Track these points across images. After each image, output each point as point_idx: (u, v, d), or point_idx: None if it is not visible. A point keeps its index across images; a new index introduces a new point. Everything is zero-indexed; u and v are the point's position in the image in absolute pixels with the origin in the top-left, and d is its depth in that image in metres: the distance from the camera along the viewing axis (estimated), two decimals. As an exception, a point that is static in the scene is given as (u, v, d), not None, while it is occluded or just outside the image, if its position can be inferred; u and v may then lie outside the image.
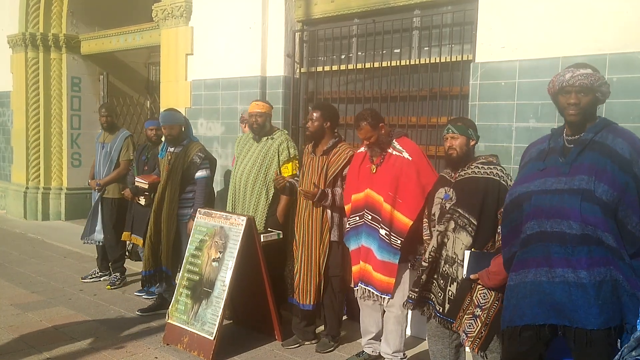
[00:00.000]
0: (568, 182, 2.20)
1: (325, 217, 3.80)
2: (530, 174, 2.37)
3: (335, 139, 3.89)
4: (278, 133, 4.33)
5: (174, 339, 3.94)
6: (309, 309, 3.87)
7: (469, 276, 2.75)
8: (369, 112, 3.47)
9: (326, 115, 3.85)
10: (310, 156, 3.93)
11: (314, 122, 3.85)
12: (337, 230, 3.79)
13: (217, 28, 5.83)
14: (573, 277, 2.14)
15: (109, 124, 5.52)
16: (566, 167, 2.23)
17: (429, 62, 4.51)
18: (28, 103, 8.59)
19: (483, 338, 2.77)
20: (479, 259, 2.73)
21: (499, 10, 3.96)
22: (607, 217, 2.10)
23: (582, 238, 2.14)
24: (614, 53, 3.47)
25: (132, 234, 5.16)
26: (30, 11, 8.44)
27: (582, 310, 2.12)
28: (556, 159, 2.29)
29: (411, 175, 3.29)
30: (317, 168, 3.84)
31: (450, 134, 2.95)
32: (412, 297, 3.02)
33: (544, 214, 2.23)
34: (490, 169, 2.85)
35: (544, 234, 2.22)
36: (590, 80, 2.20)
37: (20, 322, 4.31)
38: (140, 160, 5.16)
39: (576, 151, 2.24)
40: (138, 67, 9.20)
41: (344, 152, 3.81)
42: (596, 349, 2.13)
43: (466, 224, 2.79)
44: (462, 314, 2.83)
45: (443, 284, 2.90)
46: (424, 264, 2.95)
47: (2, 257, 6.38)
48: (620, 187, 2.11)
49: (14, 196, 9.05)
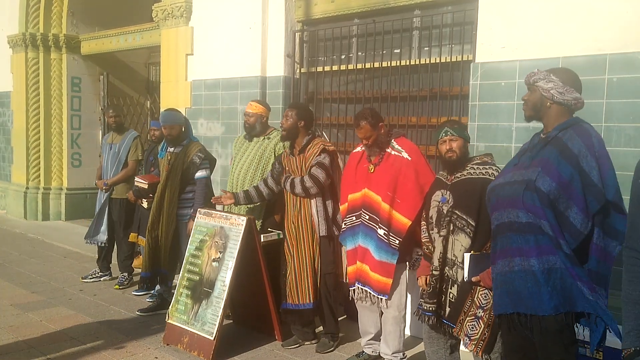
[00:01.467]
0: (523, 174, 2.32)
1: (312, 215, 3.81)
2: (505, 169, 2.53)
3: (309, 137, 3.92)
4: (274, 133, 4.34)
5: (174, 339, 3.94)
6: (310, 308, 3.86)
7: (471, 279, 2.74)
8: (369, 111, 3.46)
9: (301, 115, 3.88)
10: (289, 157, 3.96)
11: (287, 119, 3.88)
12: (325, 224, 3.80)
13: (217, 28, 5.83)
14: (526, 265, 2.25)
15: (118, 124, 5.55)
16: (529, 161, 2.36)
17: (429, 62, 4.51)
18: (28, 103, 8.59)
19: (486, 340, 2.74)
20: (478, 260, 2.73)
21: (499, 10, 3.95)
22: (545, 206, 2.20)
23: (528, 226, 2.25)
24: (614, 53, 3.47)
25: (139, 235, 5.17)
26: (30, 11, 8.45)
27: (535, 297, 2.23)
28: (527, 155, 2.42)
29: (410, 175, 3.28)
30: (297, 167, 3.88)
31: (448, 136, 2.91)
32: (430, 310, 2.92)
33: (503, 205, 2.36)
34: (486, 169, 2.85)
35: (503, 225, 2.35)
36: (528, 78, 2.44)
37: (20, 322, 4.31)
38: (148, 161, 5.18)
39: (539, 147, 2.36)
40: (138, 67, 9.20)
41: (316, 146, 3.85)
42: (551, 336, 2.23)
43: (464, 225, 2.78)
44: (463, 317, 2.81)
45: (444, 286, 2.89)
46: (435, 273, 2.89)
47: (2, 257, 6.38)
48: (563, 179, 2.20)
49: (14, 196, 9.05)
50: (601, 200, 2.18)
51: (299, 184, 3.76)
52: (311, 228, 3.83)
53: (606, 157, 2.23)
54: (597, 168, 2.19)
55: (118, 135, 5.53)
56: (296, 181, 3.78)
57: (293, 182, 3.79)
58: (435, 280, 2.89)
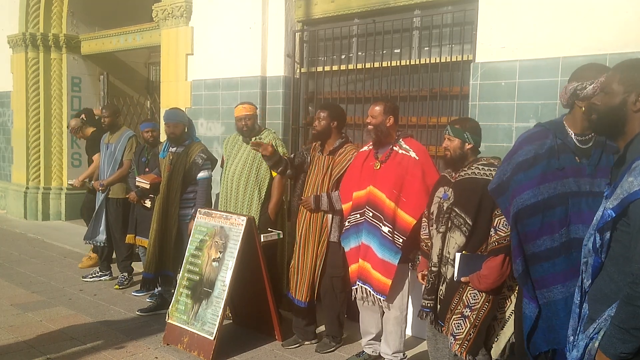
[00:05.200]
0: (593, 184, 2.13)
1: (326, 219, 3.80)
2: (548, 172, 2.23)
3: (342, 139, 3.90)
4: (266, 132, 4.35)
5: (174, 339, 3.94)
6: (303, 307, 3.87)
7: (460, 279, 2.74)
8: (391, 101, 3.61)
9: (333, 115, 3.86)
10: (318, 154, 3.94)
11: (320, 121, 3.86)
12: (338, 231, 3.79)
13: (217, 28, 5.83)
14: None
15: (109, 124, 5.53)
16: (590, 168, 2.16)
17: (429, 62, 4.51)
18: (28, 103, 8.58)
19: (471, 341, 2.72)
20: (469, 261, 2.72)
21: (499, 10, 3.95)
22: None
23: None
24: (614, 53, 3.47)
25: (137, 235, 5.16)
26: (30, 11, 8.44)
27: None
28: (571, 158, 2.21)
29: (417, 175, 3.29)
30: (323, 167, 3.85)
31: (447, 135, 2.99)
32: (429, 306, 2.93)
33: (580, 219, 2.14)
34: (490, 170, 2.84)
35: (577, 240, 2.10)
36: None
37: (20, 322, 4.31)
38: (141, 162, 5.16)
39: (598, 153, 2.18)
40: (138, 67, 9.20)
41: (349, 153, 3.82)
42: None
43: (461, 223, 2.78)
44: (450, 315, 2.81)
45: (438, 283, 2.90)
46: (434, 269, 2.90)
47: (2, 257, 6.38)
48: None
49: (14, 196, 9.05)
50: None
51: (326, 203, 3.73)
52: (320, 230, 3.81)
53: None
54: None
55: (113, 135, 5.52)
56: (323, 200, 3.74)
57: (319, 200, 3.75)
58: (434, 277, 2.91)
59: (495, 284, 2.67)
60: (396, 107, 3.54)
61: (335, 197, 3.73)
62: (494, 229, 2.69)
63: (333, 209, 3.75)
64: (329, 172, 3.80)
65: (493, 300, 2.74)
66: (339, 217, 3.78)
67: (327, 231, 3.80)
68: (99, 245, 5.61)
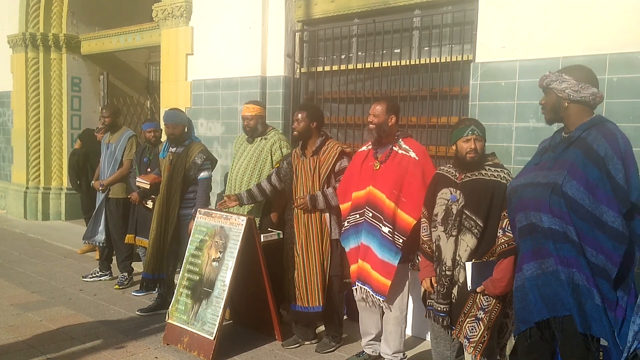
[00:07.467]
0: (547, 175, 2.28)
1: (324, 218, 3.79)
2: (526, 168, 2.48)
3: (322, 137, 3.90)
4: (272, 133, 4.34)
5: (174, 339, 3.94)
6: (319, 311, 3.83)
7: (475, 289, 2.73)
8: (393, 100, 3.58)
9: (312, 116, 3.86)
10: (301, 159, 3.92)
11: (300, 122, 3.85)
12: (338, 228, 3.79)
13: (217, 28, 5.83)
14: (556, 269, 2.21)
15: (109, 124, 5.53)
16: (552, 162, 2.31)
17: (429, 62, 4.51)
18: (28, 103, 8.58)
19: (485, 343, 2.73)
20: (481, 269, 2.71)
21: (499, 10, 3.95)
22: (571, 211, 2.16)
23: (549, 232, 2.21)
24: (614, 53, 3.47)
25: (137, 236, 5.16)
26: (30, 11, 8.44)
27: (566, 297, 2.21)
28: (550, 154, 2.37)
29: (417, 175, 3.28)
30: (310, 170, 3.83)
31: (475, 135, 2.84)
32: (445, 310, 2.87)
33: (526, 207, 2.32)
34: (498, 171, 2.83)
35: (526, 228, 2.31)
36: (541, 82, 2.40)
37: (20, 322, 4.31)
38: (143, 163, 5.16)
39: (562, 147, 2.31)
40: (138, 67, 9.20)
41: (332, 149, 3.82)
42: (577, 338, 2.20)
43: (472, 226, 2.76)
44: (463, 319, 2.80)
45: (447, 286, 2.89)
46: (448, 273, 2.85)
47: (2, 257, 6.38)
48: (590, 183, 2.15)
49: (14, 196, 9.05)
50: (627, 204, 2.12)
51: (322, 202, 3.73)
52: (321, 230, 3.80)
53: (632, 158, 2.17)
54: (623, 170, 2.13)
55: (114, 135, 5.53)
56: (319, 199, 3.73)
57: (316, 199, 3.75)
58: (449, 281, 2.86)
59: (510, 286, 2.61)
60: (398, 107, 3.54)
61: (330, 193, 3.74)
62: (502, 229, 2.68)
63: (330, 206, 3.75)
64: (317, 172, 3.80)
65: (504, 299, 2.74)
66: (335, 214, 3.78)
67: (327, 230, 3.80)
68: (98, 245, 5.60)
